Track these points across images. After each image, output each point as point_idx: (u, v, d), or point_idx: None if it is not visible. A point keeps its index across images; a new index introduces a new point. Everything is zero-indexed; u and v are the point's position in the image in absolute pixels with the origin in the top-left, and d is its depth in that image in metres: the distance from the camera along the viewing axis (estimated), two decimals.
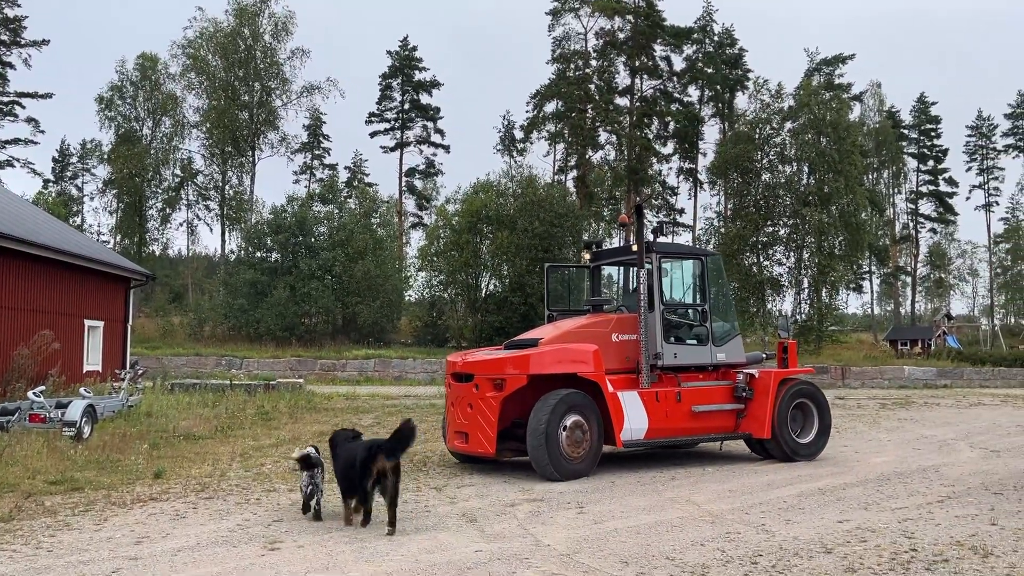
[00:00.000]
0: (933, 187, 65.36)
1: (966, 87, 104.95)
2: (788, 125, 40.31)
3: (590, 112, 50.17)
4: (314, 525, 7.20)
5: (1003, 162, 67.77)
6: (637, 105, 51.87)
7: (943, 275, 67.03)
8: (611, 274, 16.40)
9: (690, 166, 56.29)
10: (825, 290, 39.66)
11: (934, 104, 65.27)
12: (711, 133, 69.14)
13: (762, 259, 40.53)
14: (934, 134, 64.99)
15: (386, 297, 37.15)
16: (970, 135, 68.27)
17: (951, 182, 65.77)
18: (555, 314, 11.99)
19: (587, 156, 50.67)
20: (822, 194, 38.41)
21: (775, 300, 41.06)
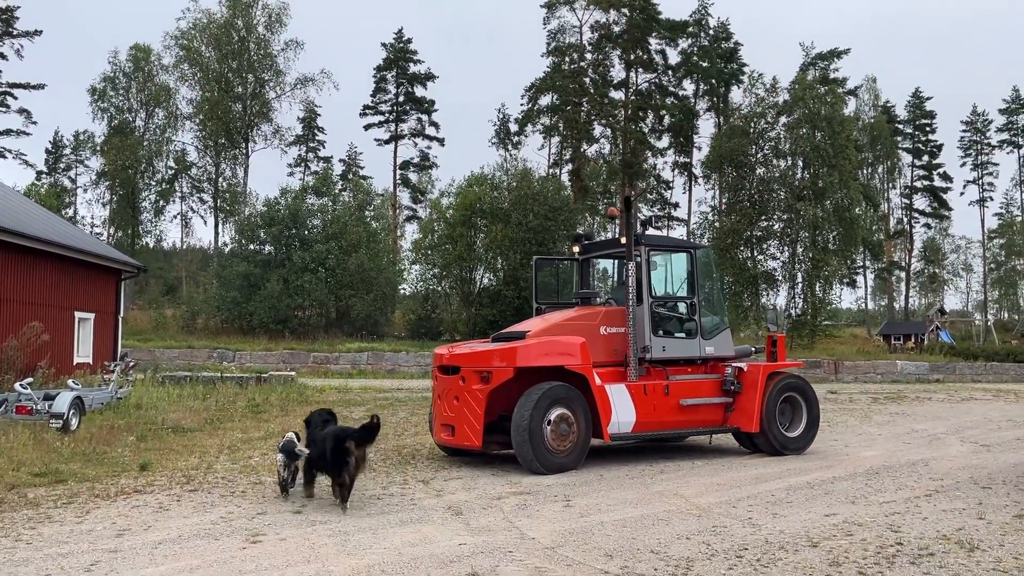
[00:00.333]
0: (927, 182, 65.50)
1: (961, 82, 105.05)
2: (783, 119, 40.27)
3: (585, 105, 50.07)
4: (298, 518, 7.15)
5: (997, 157, 68.08)
6: (632, 99, 51.80)
7: (937, 270, 67.20)
8: (606, 268, 16.36)
9: (685, 160, 56.32)
10: (819, 285, 39.67)
11: (929, 99, 65.44)
12: (706, 127, 69.14)
13: (756, 253, 40.54)
14: (929, 129, 65.10)
15: (380, 290, 37.07)
16: (965, 130, 68.45)
17: (945, 177, 65.95)
18: (543, 307, 11.91)
19: (582, 150, 50.59)
20: (816, 189, 38.39)
21: (769, 294, 41.09)
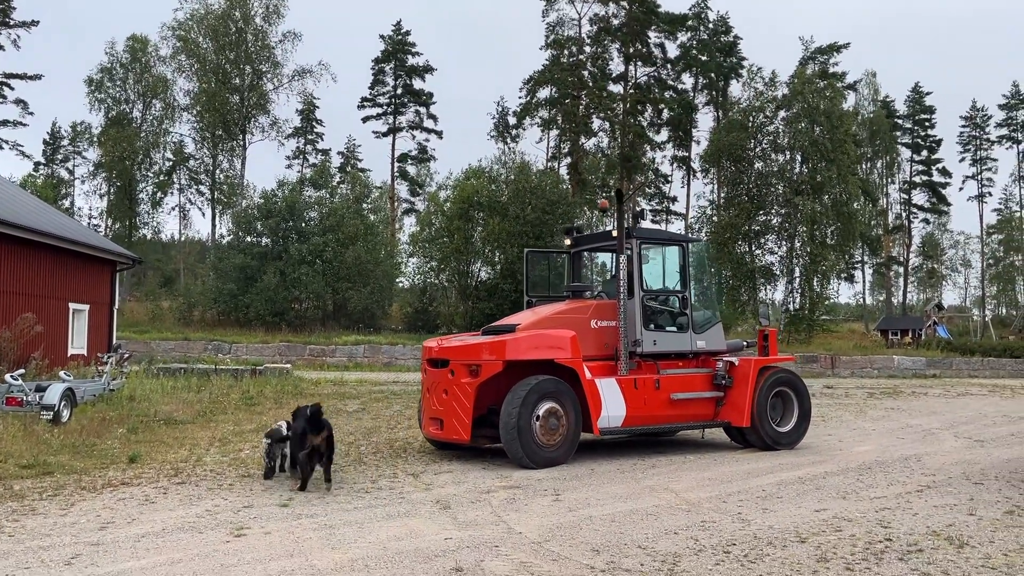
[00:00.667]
0: (926, 177, 65.40)
1: (961, 77, 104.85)
2: (782, 114, 40.17)
3: (584, 99, 49.89)
4: (284, 512, 7.10)
5: (996, 153, 68.05)
6: (631, 92, 51.61)
7: (935, 265, 67.17)
8: (604, 261, 16.24)
9: (683, 154, 56.18)
10: (817, 279, 39.61)
11: (928, 94, 65.28)
12: (705, 121, 69.00)
13: (754, 248, 40.48)
14: (928, 124, 64.97)
15: (377, 283, 36.96)
16: (964, 125, 68.31)
17: (944, 172, 65.85)
18: (534, 300, 11.83)
19: (580, 143, 50.42)
20: (815, 183, 38.31)
21: (767, 289, 41.06)
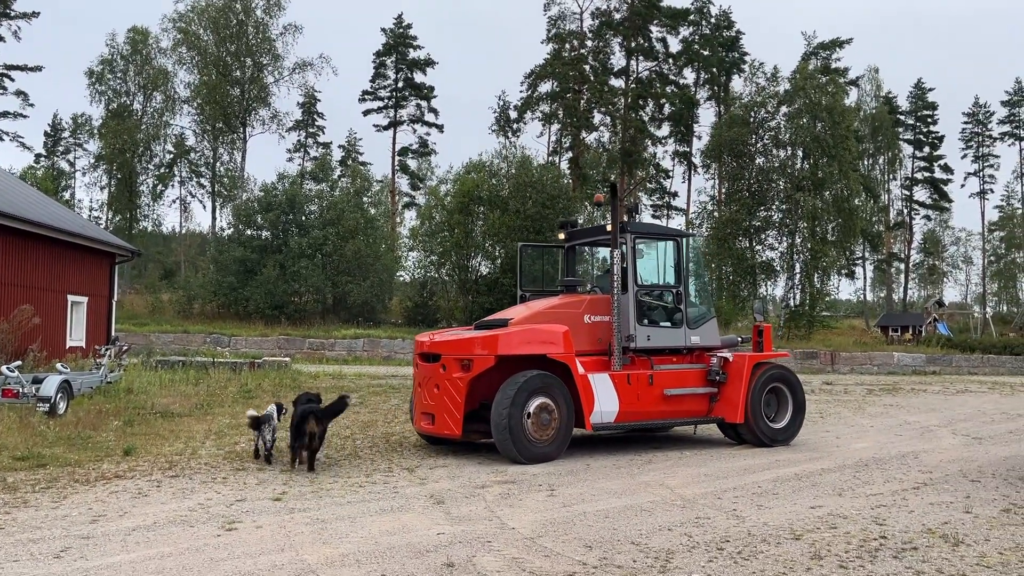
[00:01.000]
0: (928, 174, 65.25)
1: (964, 74, 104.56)
2: (783, 109, 40.09)
3: (585, 93, 49.77)
4: (276, 505, 7.07)
5: (999, 149, 67.82)
6: (632, 87, 51.46)
7: (936, 262, 67.07)
8: (605, 256, 16.19)
9: (684, 149, 56.11)
10: (817, 275, 39.60)
11: (931, 90, 65.06)
12: (706, 116, 68.84)
13: (755, 244, 40.44)
14: (930, 120, 64.78)
15: (377, 277, 36.96)
16: (966, 122, 68.14)
17: (946, 169, 65.69)
18: (528, 294, 11.77)
19: (581, 137, 50.31)
20: (816, 179, 38.25)
21: (767, 285, 41.03)
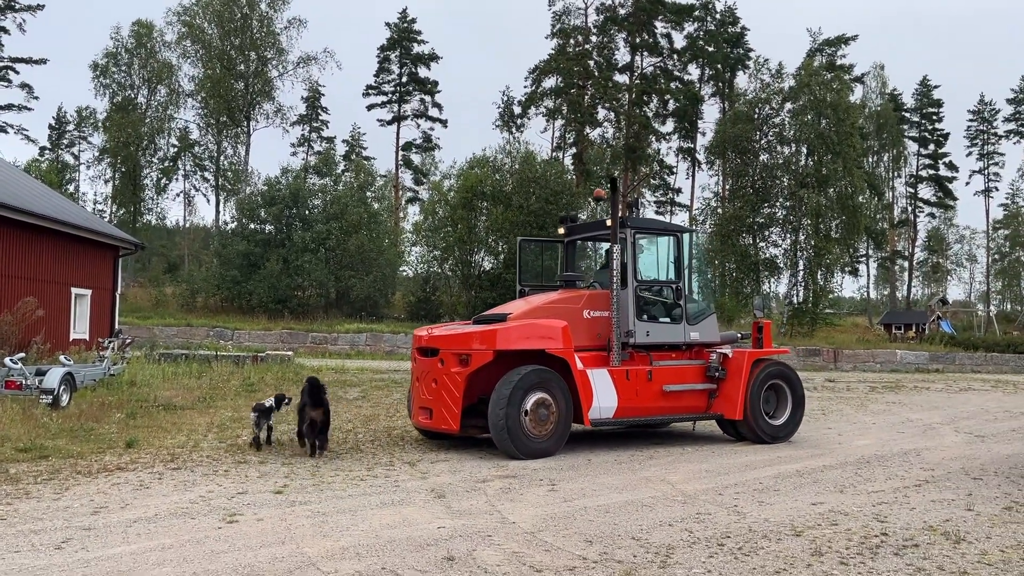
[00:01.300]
0: (933, 171, 65.11)
1: (969, 71, 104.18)
2: (788, 106, 39.98)
3: (589, 89, 49.68)
4: (278, 498, 7.08)
5: (1004, 147, 67.59)
6: (636, 82, 51.37)
7: (940, 260, 66.94)
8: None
9: (689, 145, 56.02)
10: (821, 272, 39.53)
11: (936, 88, 64.87)
12: (711, 112, 68.64)
13: (758, 240, 40.37)
14: (936, 118, 64.62)
15: (380, 272, 36.97)
16: (971, 120, 67.89)
17: (951, 167, 65.55)
18: (527, 289, 11.74)
19: (585, 133, 50.24)
20: (820, 176, 38.16)
21: (771, 282, 40.97)
